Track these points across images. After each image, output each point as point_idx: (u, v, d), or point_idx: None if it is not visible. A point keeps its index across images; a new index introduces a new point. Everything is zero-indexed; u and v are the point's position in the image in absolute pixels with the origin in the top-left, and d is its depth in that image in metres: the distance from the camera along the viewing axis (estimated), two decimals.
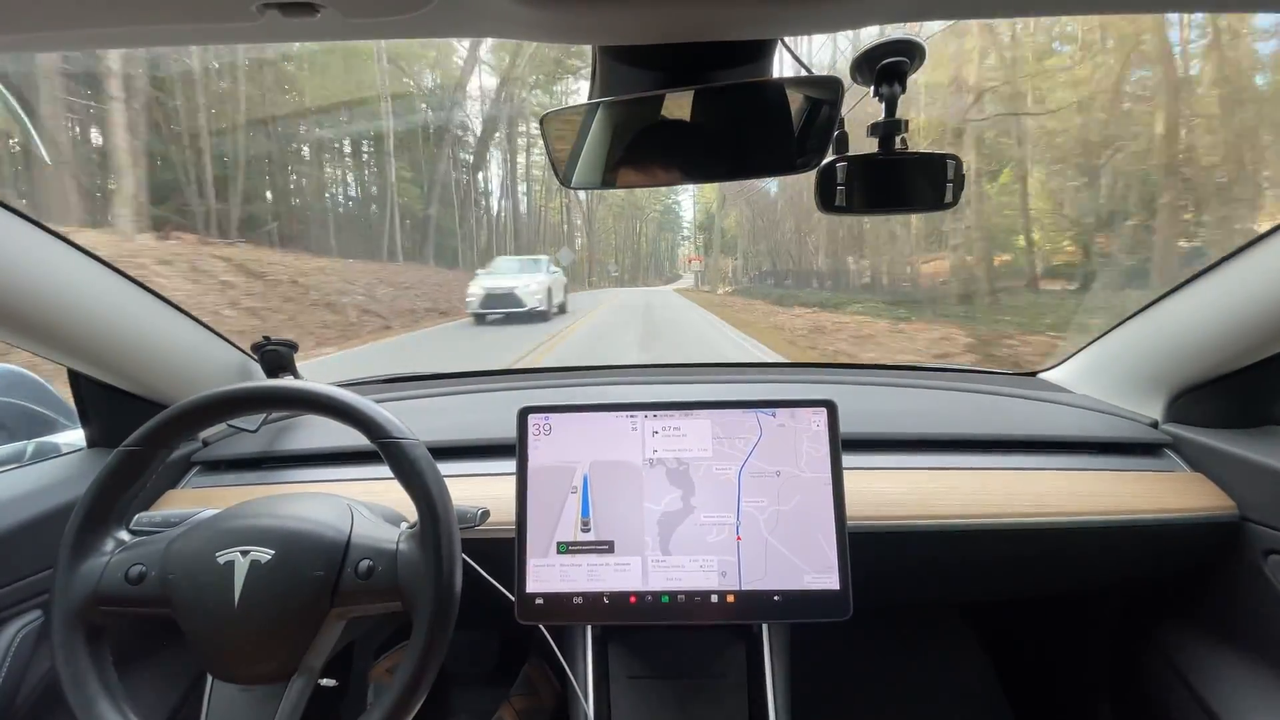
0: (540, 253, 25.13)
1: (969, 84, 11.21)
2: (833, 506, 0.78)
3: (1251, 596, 0.87)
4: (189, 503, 0.95)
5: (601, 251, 48.69)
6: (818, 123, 0.60)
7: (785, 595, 0.76)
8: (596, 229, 46.13)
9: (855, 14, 0.44)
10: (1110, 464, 0.96)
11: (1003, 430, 1.02)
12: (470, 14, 0.43)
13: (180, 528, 0.68)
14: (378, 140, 18.27)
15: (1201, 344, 0.91)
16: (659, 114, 0.61)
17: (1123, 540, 0.89)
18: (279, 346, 1.10)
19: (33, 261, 0.76)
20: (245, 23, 0.42)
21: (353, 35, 0.46)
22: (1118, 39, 9.31)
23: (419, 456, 0.65)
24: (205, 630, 0.61)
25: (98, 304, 0.85)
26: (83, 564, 0.63)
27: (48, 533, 0.80)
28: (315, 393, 0.67)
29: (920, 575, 0.98)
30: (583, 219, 44.21)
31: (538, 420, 0.82)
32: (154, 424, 0.67)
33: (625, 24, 0.45)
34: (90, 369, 0.91)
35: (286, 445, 1.06)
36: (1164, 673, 1.00)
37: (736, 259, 31.00)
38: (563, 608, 0.78)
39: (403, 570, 0.63)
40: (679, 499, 0.79)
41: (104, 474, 0.65)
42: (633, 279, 52.46)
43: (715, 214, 36.59)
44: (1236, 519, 0.87)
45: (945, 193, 0.63)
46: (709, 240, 41.70)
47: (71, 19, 0.41)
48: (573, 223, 42.74)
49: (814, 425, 0.80)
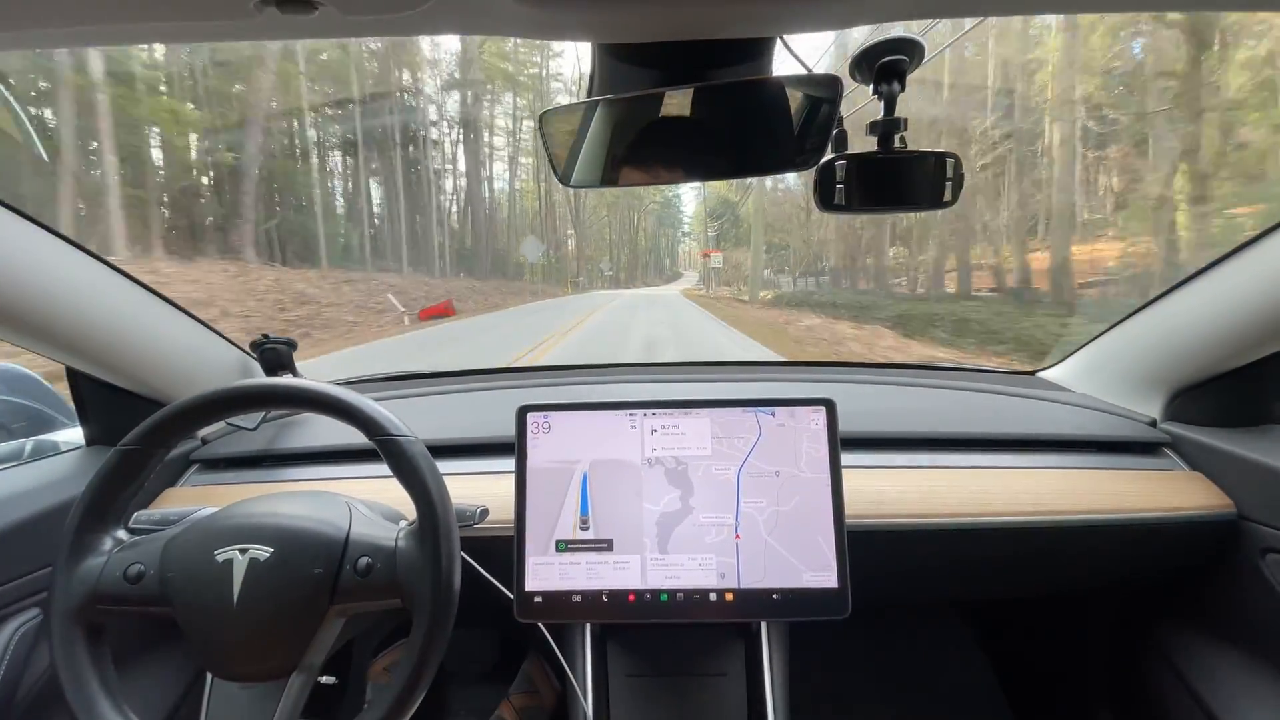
0: (512, 248, 23.87)
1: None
2: (832, 505, 0.78)
3: (1249, 595, 0.87)
4: (188, 501, 0.95)
5: (594, 247, 45.12)
6: (817, 121, 0.60)
7: (784, 594, 0.76)
8: (586, 220, 42.52)
9: (854, 12, 0.44)
10: (1109, 463, 0.96)
11: (1001, 429, 1.02)
12: (469, 12, 0.43)
13: (179, 526, 0.68)
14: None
15: (1200, 342, 0.91)
16: (658, 112, 0.61)
17: (1121, 539, 0.89)
18: (278, 344, 1.10)
19: (32, 260, 0.76)
20: (243, 20, 0.42)
21: (350, 33, 0.46)
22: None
23: (417, 454, 0.65)
24: (204, 628, 0.61)
25: (96, 302, 0.85)
26: (81, 563, 0.63)
27: (46, 531, 0.80)
28: (314, 391, 0.67)
29: (918, 574, 0.98)
30: (570, 211, 39.60)
31: (537, 418, 0.82)
32: (152, 422, 0.67)
33: (625, 22, 0.45)
34: (89, 367, 0.91)
35: (285, 443, 1.06)
36: (1162, 671, 1.00)
37: (762, 253, 22.95)
38: (562, 606, 0.78)
39: (402, 567, 0.63)
40: (678, 499, 0.79)
41: (102, 473, 0.65)
42: (630, 278, 48.98)
43: (734, 199, 32.21)
44: (1234, 518, 0.87)
45: (945, 191, 0.63)
46: (722, 231, 37.15)
47: (69, 16, 0.41)
48: (553, 211, 37.58)
49: (813, 424, 0.80)
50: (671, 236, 60.56)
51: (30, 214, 0.75)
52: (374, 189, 18.11)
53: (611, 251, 48.61)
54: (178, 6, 0.41)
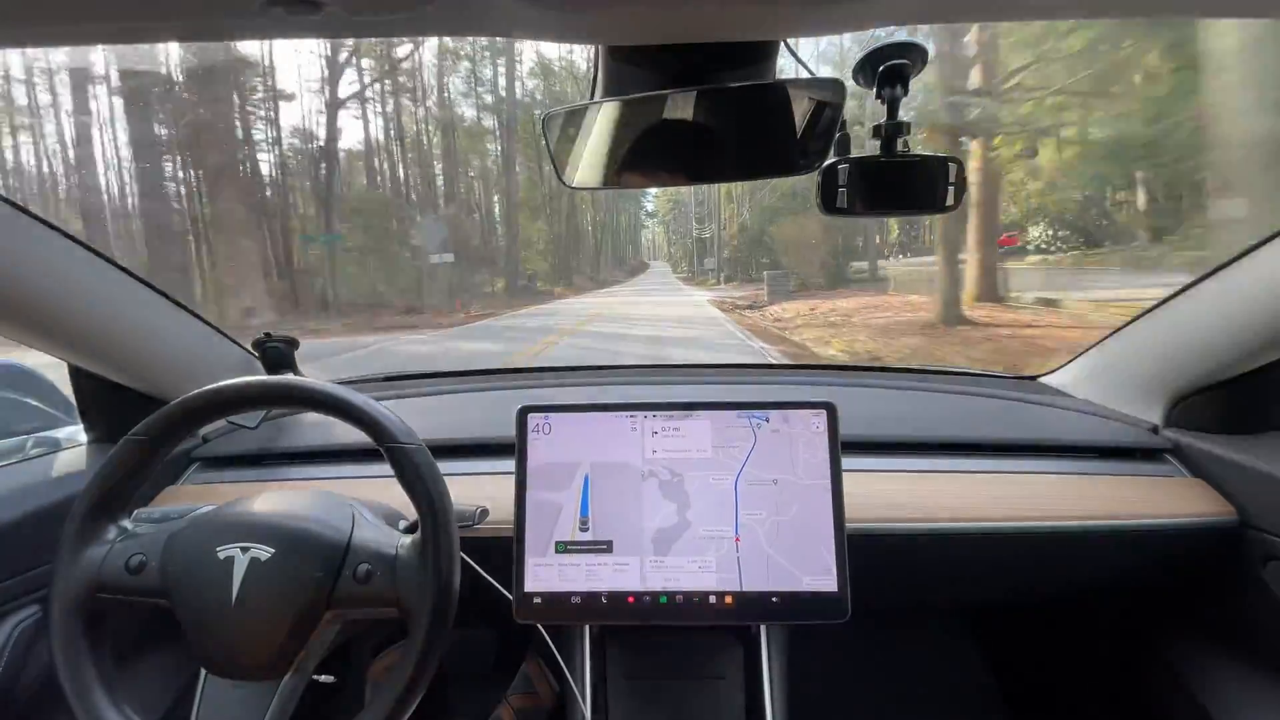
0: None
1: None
2: (832, 509, 0.77)
3: (1251, 602, 0.87)
4: (188, 499, 0.95)
5: (539, 242, 29.18)
6: (820, 124, 0.60)
7: (783, 597, 0.76)
8: (516, 201, 26.95)
9: (858, 16, 0.44)
10: (1110, 469, 0.96)
11: (1003, 434, 1.01)
12: (473, 12, 0.43)
13: (183, 520, 0.68)
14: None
15: (1203, 349, 0.91)
16: (661, 114, 0.61)
17: (1123, 546, 0.89)
18: (280, 343, 1.10)
19: (35, 256, 0.76)
20: (249, 19, 0.42)
21: (355, 33, 0.46)
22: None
23: (423, 462, 0.65)
24: (201, 624, 0.61)
25: (99, 299, 0.85)
26: (86, 550, 0.63)
27: (45, 528, 0.80)
28: (320, 391, 0.67)
29: (918, 579, 0.98)
30: (499, 196, 25.27)
31: (537, 419, 0.82)
32: (160, 416, 0.67)
33: (628, 24, 0.45)
34: (91, 364, 0.91)
35: (286, 442, 1.06)
36: (1163, 679, 1.00)
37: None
38: (561, 607, 0.77)
39: (401, 578, 0.63)
40: (674, 513, 0.79)
41: (110, 462, 0.65)
42: (596, 272, 33.24)
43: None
44: (1237, 525, 0.87)
45: (947, 195, 0.63)
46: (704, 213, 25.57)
47: (73, 14, 0.41)
48: (462, 197, 24.14)
49: (813, 427, 0.80)
50: (633, 217, 47.17)
51: (28, 208, 0.75)
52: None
53: (554, 243, 31.37)
54: (184, 5, 0.41)
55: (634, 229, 48.31)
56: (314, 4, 0.38)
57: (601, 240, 42.05)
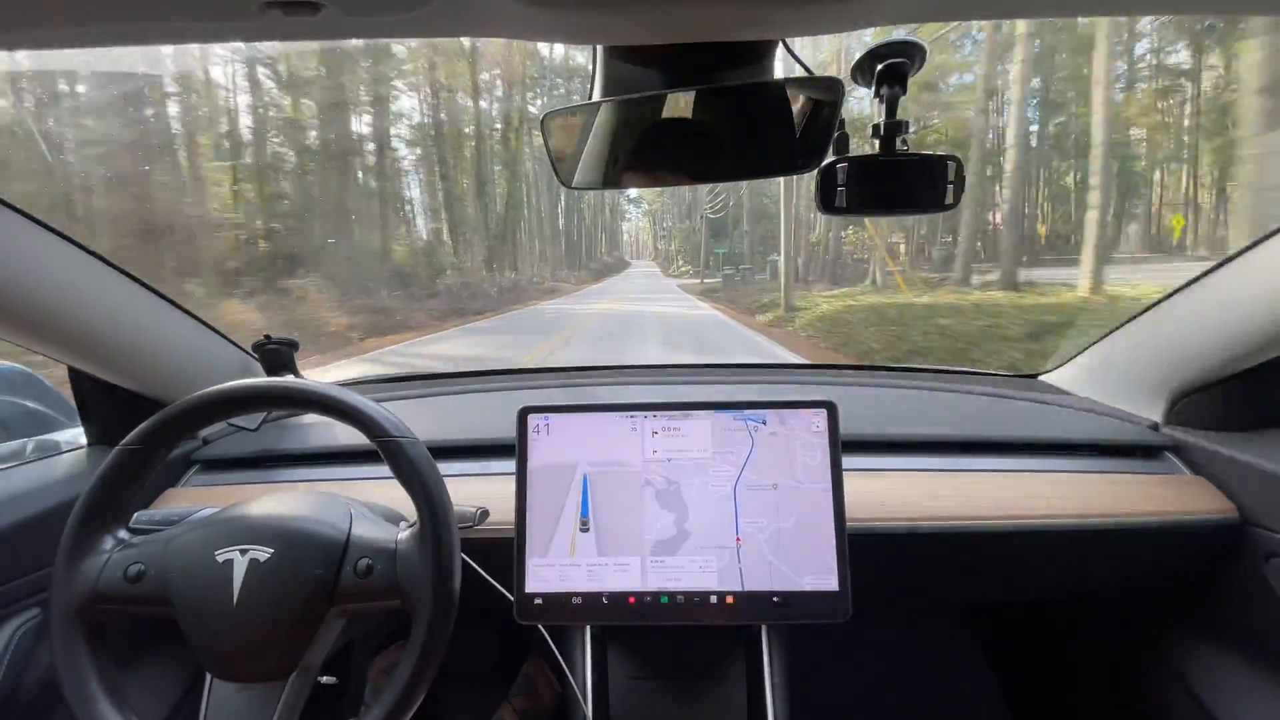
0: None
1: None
2: (832, 509, 0.77)
3: (1253, 600, 0.87)
4: (189, 501, 0.95)
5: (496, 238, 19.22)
6: (819, 124, 0.60)
7: (785, 596, 0.76)
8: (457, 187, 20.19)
9: (856, 16, 0.44)
10: (1111, 467, 0.96)
11: (1003, 433, 1.01)
12: (472, 13, 0.43)
13: (179, 526, 0.68)
14: None
15: (1203, 346, 0.91)
16: (660, 114, 0.61)
17: (1123, 543, 0.89)
18: (280, 345, 1.10)
19: (34, 259, 0.76)
20: (247, 21, 0.42)
21: (353, 34, 0.46)
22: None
23: (418, 456, 0.65)
24: (204, 629, 0.61)
25: (98, 301, 0.85)
26: (82, 562, 0.63)
27: (47, 530, 0.80)
28: (316, 392, 0.67)
29: (920, 577, 0.97)
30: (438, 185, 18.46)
31: (537, 420, 0.82)
32: (154, 422, 0.67)
33: (627, 24, 0.45)
34: (91, 367, 0.91)
35: (286, 444, 1.06)
36: (1165, 676, 1.00)
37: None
38: (562, 608, 0.77)
39: (402, 569, 0.63)
40: (672, 524, 0.78)
41: (104, 472, 0.65)
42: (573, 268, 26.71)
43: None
44: (1238, 522, 0.87)
45: (946, 194, 0.63)
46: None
47: (72, 16, 0.41)
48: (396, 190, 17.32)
49: (813, 426, 0.80)
50: (611, 208, 38.53)
51: (27, 211, 0.75)
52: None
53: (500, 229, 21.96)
54: (182, 7, 0.41)
55: (612, 221, 40.35)
56: (312, 5, 0.38)
57: (579, 235, 29.96)
